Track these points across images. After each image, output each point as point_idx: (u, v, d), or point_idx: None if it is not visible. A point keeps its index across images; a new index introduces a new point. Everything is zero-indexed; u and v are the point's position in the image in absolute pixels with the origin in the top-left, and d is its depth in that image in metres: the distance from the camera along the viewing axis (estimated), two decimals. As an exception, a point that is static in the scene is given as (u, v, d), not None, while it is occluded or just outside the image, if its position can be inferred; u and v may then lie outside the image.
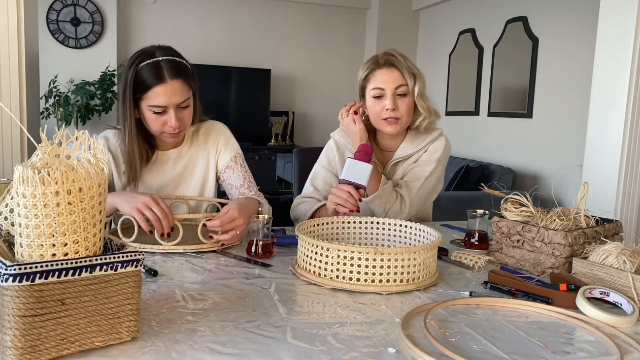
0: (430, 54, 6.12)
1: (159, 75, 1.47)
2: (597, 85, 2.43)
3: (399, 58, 1.63)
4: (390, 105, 1.61)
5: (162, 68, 1.48)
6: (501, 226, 1.34)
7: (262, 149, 5.71)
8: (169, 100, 1.48)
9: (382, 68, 1.64)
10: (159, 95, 1.47)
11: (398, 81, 1.62)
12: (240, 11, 6.14)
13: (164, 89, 1.47)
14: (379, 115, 1.64)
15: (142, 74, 1.48)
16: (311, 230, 1.35)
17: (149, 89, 1.47)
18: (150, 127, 1.54)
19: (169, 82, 1.47)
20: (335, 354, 0.81)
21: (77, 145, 0.82)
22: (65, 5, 5.39)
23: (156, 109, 1.49)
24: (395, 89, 1.62)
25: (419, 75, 1.64)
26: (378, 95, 1.63)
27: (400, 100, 1.63)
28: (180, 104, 1.51)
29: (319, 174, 1.78)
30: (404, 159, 1.72)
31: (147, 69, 1.48)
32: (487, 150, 5.07)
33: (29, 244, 0.76)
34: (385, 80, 1.62)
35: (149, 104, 1.49)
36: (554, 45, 4.37)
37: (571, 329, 0.97)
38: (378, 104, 1.63)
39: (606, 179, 2.35)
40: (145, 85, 1.47)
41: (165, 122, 1.51)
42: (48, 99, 5.10)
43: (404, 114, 1.63)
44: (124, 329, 0.81)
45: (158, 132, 1.53)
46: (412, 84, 1.62)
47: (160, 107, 1.48)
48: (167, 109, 1.49)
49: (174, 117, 1.49)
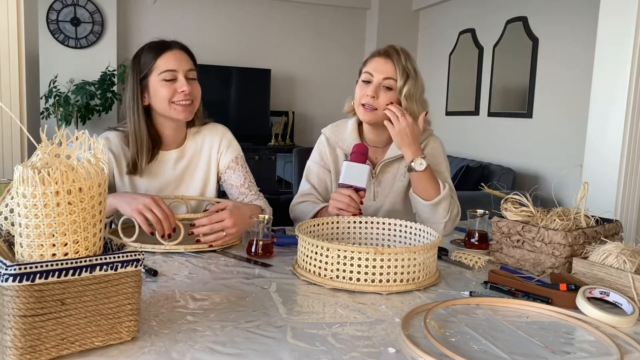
0: (430, 54, 6.12)
1: (165, 44, 1.56)
2: (597, 85, 2.43)
3: (400, 54, 1.63)
4: (371, 93, 1.61)
5: (166, 41, 1.58)
6: (501, 226, 1.34)
7: (262, 149, 5.72)
8: (179, 64, 1.54)
9: (380, 57, 1.65)
10: (168, 60, 1.54)
11: (388, 73, 1.62)
12: (240, 11, 6.14)
13: (173, 54, 1.55)
14: (359, 100, 1.65)
15: (147, 52, 1.56)
16: (311, 230, 1.35)
17: (158, 57, 1.54)
18: (161, 99, 1.54)
19: (177, 50, 1.56)
20: (335, 354, 0.81)
21: (77, 145, 0.82)
22: (65, 5, 5.39)
23: (166, 75, 1.53)
24: (383, 80, 1.62)
25: (412, 77, 1.62)
26: (366, 80, 1.64)
27: (383, 92, 1.62)
28: (188, 73, 1.56)
29: (312, 170, 1.78)
30: (394, 159, 1.72)
31: (152, 46, 1.56)
32: (487, 150, 5.07)
33: (29, 244, 0.76)
34: (376, 68, 1.63)
35: (160, 72, 1.53)
36: (554, 46, 4.37)
37: (571, 329, 0.97)
38: (363, 89, 1.64)
39: (606, 179, 2.35)
40: (152, 57, 1.54)
41: (176, 90, 1.54)
42: (48, 99, 5.09)
43: (382, 106, 1.62)
44: (124, 329, 0.81)
45: (169, 102, 1.54)
46: (402, 82, 1.61)
47: (170, 71, 1.53)
48: (177, 75, 1.54)
49: (184, 81, 1.54)
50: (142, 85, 1.56)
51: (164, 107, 1.55)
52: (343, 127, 1.78)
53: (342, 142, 1.74)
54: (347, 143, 1.71)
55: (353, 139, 1.72)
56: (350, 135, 1.74)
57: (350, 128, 1.76)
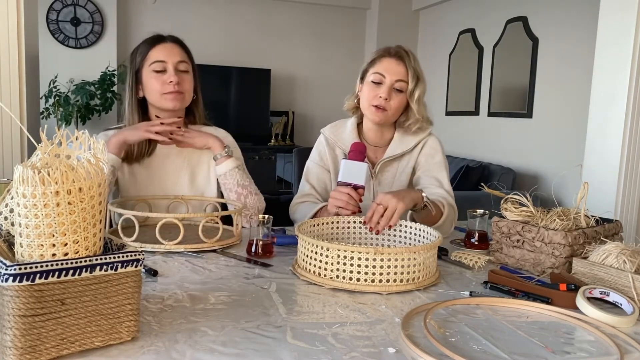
0: (430, 54, 6.12)
1: (159, 37, 1.63)
2: (597, 85, 2.43)
3: (410, 56, 1.65)
4: (385, 94, 1.62)
5: (160, 35, 1.64)
6: (501, 226, 1.34)
7: (262, 149, 5.71)
8: (169, 56, 1.59)
9: (391, 57, 1.64)
10: (159, 52, 1.60)
11: (400, 75, 1.62)
12: (241, 11, 6.14)
13: (163, 47, 1.61)
14: (370, 101, 1.65)
15: (143, 44, 1.63)
16: (311, 230, 1.35)
17: (149, 50, 1.60)
18: (152, 91, 1.60)
19: (169, 43, 1.62)
20: (335, 354, 0.81)
21: (77, 145, 0.82)
22: (65, 5, 5.39)
23: (156, 66, 1.58)
24: (395, 82, 1.62)
25: (422, 80, 1.65)
26: (377, 81, 1.64)
27: (395, 94, 1.63)
28: (178, 65, 1.60)
29: (311, 170, 1.78)
30: (393, 158, 1.72)
31: (147, 39, 1.64)
32: (487, 150, 5.06)
33: (29, 244, 0.76)
34: (389, 69, 1.63)
35: (150, 63, 1.59)
36: (554, 46, 4.37)
37: (571, 329, 0.97)
38: (373, 90, 1.64)
39: (606, 179, 2.35)
40: (146, 49, 1.61)
41: (165, 81, 1.58)
42: (48, 99, 5.09)
43: (394, 108, 1.64)
44: (124, 329, 0.81)
45: (159, 93, 1.59)
46: (413, 85, 1.63)
47: (159, 62, 1.59)
48: (166, 66, 1.59)
49: (173, 72, 1.59)
50: (137, 78, 1.62)
51: (156, 98, 1.60)
52: (342, 127, 1.78)
53: (342, 142, 1.74)
54: (347, 143, 1.71)
55: (352, 138, 1.72)
56: (349, 135, 1.74)
57: (350, 128, 1.76)
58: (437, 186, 1.67)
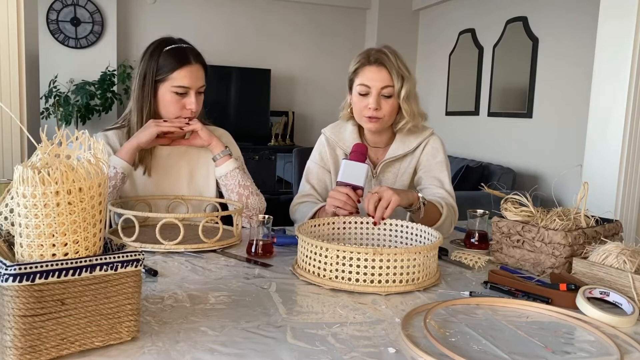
0: (430, 54, 6.12)
1: (186, 57, 1.56)
2: (597, 85, 2.43)
3: (390, 57, 1.61)
4: (373, 105, 1.60)
5: (187, 52, 1.57)
6: (501, 226, 1.34)
7: (262, 149, 5.71)
8: (194, 82, 1.56)
9: (371, 65, 1.62)
10: (185, 76, 1.55)
11: (385, 81, 1.60)
12: (240, 11, 6.14)
13: (190, 71, 1.55)
14: (362, 112, 1.64)
15: (167, 56, 1.55)
16: (311, 231, 1.35)
17: (175, 70, 1.54)
18: (167, 109, 1.58)
19: (195, 65, 1.57)
20: (335, 354, 0.81)
21: (77, 145, 0.82)
22: (65, 5, 5.39)
23: (179, 90, 1.55)
24: (381, 89, 1.60)
25: (407, 77, 1.61)
26: (364, 93, 1.62)
27: (384, 100, 1.62)
28: (199, 89, 1.59)
29: (312, 170, 1.78)
30: (395, 159, 1.72)
31: (172, 53, 1.56)
32: (487, 150, 5.07)
33: (29, 244, 0.76)
34: (372, 79, 1.61)
35: (173, 85, 1.55)
36: (554, 46, 4.37)
37: (571, 329, 0.97)
38: (362, 101, 1.63)
39: (606, 179, 2.35)
40: (170, 66, 1.55)
41: (184, 105, 1.57)
42: (48, 99, 5.09)
43: (386, 114, 1.63)
44: (124, 329, 0.81)
45: (174, 115, 1.57)
46: (399, 86, 1.60)
47: (183, 87, 1.55)
48: (189, 91, 1.56)
49: (194, 100, 1.56)
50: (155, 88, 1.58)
51: (169, 115, 1.59)
52: (343, 127, 1.78)
53: (342, 142, 1.74)
54: (347, 143, 1.71)
55: (353, 139, 1.72)
56: (350, 135, 1.74)
57: (351, 128, 1.76)
58: (437, 186, 1.67)
